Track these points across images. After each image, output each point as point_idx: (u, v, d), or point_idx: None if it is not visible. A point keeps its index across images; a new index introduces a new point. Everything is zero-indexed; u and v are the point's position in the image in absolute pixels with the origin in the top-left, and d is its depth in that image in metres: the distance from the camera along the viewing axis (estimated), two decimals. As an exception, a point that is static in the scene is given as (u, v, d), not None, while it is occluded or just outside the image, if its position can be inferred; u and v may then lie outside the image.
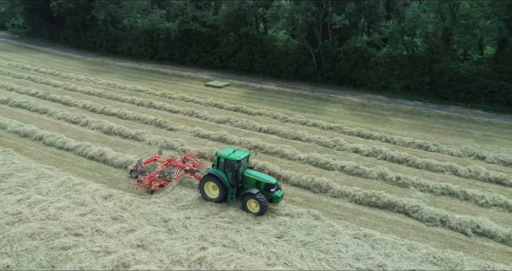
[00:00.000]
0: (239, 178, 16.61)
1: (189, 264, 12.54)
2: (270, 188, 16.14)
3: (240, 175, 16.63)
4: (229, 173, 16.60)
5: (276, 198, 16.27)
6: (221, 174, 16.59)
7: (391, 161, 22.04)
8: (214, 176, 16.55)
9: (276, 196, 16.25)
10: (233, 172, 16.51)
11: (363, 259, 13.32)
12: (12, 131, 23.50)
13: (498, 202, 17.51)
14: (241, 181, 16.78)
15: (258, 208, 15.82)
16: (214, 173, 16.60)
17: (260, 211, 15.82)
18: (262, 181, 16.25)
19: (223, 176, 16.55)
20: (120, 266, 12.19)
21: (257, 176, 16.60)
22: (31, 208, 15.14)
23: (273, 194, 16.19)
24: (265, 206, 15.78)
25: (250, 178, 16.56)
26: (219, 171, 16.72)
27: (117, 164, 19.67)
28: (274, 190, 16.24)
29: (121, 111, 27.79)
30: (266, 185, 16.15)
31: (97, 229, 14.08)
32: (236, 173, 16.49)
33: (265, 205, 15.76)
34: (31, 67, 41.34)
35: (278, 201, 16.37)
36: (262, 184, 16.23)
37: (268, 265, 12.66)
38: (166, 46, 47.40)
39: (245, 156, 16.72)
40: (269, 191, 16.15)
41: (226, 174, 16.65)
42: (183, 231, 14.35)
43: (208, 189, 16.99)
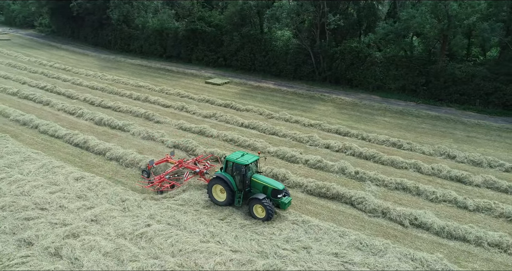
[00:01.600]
0: (247, 182, 16.38)
1: (131, 237, 14.05)
2: (277, 193, 15.86)
3: (247, 179, 16.40)
4: (237, 176, 16.41)
5: (283, 204, 15.93)
6: (229, 177, 16.41)
7: (358, 157, 22.78)
8: (221, 179, 16.40)
9: (283, 202, 15.92)
10: (240, 176, 16.31)
11: (293, 241, 14.39)
12: (13, 120, 25.94)
13: (448, 198, 18.02)
14: (249, 186, 16.53)
15: (264, 213, 15.55)
16: (222, 176, 16.46)
17: (266, 216, 15.54)
18: (269, 186, 15.98)
19: (230, 180, 16.35)
20: (70, 236, 13.86)
21: (264, 181, 16.32)
22: (10, 185, 17.16)
23: (280, 200, 15.91)
24: (271, 212, 15.49)
25: (257, 182, 16.32)
26: (227, 174, 16.54)
27: (97, 150, 21.54)
28: (281, 195, 15.97)
29: (116, 105, 29.83)
30: (273, 191, 15.89)
31: (61, 205, 15.88)
32: (244, 177, 16.26)
33: (271, 210, 15.47)
34: (47, 63, 44.41)
35: (285, 207, 15.99)
36: (269, 189, 15.96)
37: (202, 242, 13.97)
38: (174, 44, 49.51)
39: (253, 160, 16.56)
40: (276, 196, 15.87)
41: (234, 178, 16.44)
42: (136, 210, 15.92)
43: (216, 192, 16.87)
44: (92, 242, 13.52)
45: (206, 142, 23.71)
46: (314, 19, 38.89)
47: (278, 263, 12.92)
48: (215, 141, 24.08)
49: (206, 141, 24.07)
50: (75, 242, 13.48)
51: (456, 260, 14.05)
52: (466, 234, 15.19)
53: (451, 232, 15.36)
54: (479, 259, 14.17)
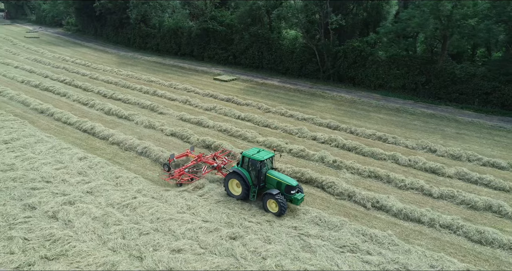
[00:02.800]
0: (261, 177, 16.99)
1: (118, 207, 16.21)
2: (290, 189, 16.39)
3: (263, 175, 17.00)
4: (253, 172, 17.01)
5: (296, 200, 16.43)
6: (244, 172, 17.00)
7: (342, 148, 24.21)
8: (237, 174, 17.02)
9: (296, 198, 16.42)
10: (256, 171, 16.89)
11: (259, 216, 16.16)
12: (33, 108, 28.81)
13: (415, 186, 19.30)
14: (264, 181, 17.15)
15: (277, 208, 16.08)
16: (238, 171, 17.06)
17: (279, 211, 16.08)
18: (283, 183, 16.50)
19: (246, 175, 16.94)
20: (67, 203, 16.16)
21: (279, 177, 16.82)
22: (22, 162, 19.72)
23: (293, 195, 16.45)
24: (283, 207, 15.99)
25: (272, 178, 16.86)
26: (243, 169, 17.16)
27: (102, 136, 23.99)
28: (294, 192, 16.49)
29: (125, 97, 32.35)
30: (286, 187, 16.41)
31: (63, 179, 18.28)
32: (258, 173, 16.85)
33: (283, 205, 15.97)
34: (69, 59, 47.75)
35: (298, 203, 16.49)
36: (283, 185, 16.49)
37: (178, 213, 15.96)
38: (187, 43, 51.96)
39: (269, 156, 17.07)
40: (290, 192, 16.40)
41: (249, 173, 17.04)
42: (127, 185, 18.10)
43: (232, 186, 17.56)
44: (85, 208, 15.77)
45: (201, 131, 25.74)
46: (319, 19, 40.30)
47: (240, 231, 14.74)
48: (210, 131, 26.08)
49: (202, 130, 26.10)
50: (70, 208, 15.77)
51: (405, 237, 15.44)
52: (421, 216, 16.52)
53: (407, 214, 16.72)
54: (428, 237, 15.50)
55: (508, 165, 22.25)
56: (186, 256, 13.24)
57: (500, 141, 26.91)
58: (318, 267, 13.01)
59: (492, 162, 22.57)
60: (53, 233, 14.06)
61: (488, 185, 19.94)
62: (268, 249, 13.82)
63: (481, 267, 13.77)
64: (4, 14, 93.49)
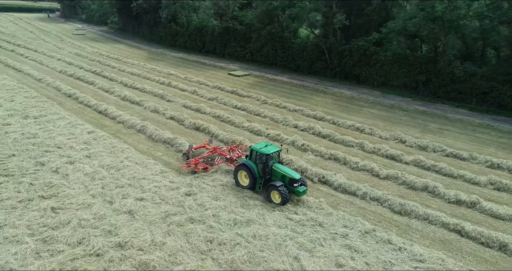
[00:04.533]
0: (267, 170, 18.17)
1: (107, 168, 20.17)
2: (293, 182, 17.44)
3: (269, 168, 18.22)
4: (260, 164, 18.16)
5: (298, 193, 17.49)
6: (252, 165, 18.20)
7: (317, 135, 26.79)
8: (246, 166, 18.27)
9: (298, 190, 17.48)
10: (262, 164, 18.09)
11: (217, 181, 19.42)
12: (63, 93, 33.95)
13: (366, 168, 21.61)
14: (270, 174, 18.35)
15: (280, 199, 17.24)
16: (247, 164, 18.31)
17: (282, 202, 17.25)
18: (287, 176, 17.58)
19: (254, 167, 18.12)
20: (69, 163, 20.37)
21: (283, 170, 17.90)
22: (43, 132, 24.39)
23: (295, 188, 17.51)
24: (286, 198, 17.12)
25: (277, 171, 17.98)
26: (251, 162, 18.36)
27: (111, 116, 28.34)
28: (297, 184, 17.51)
29: (142, 86, 36.82)
30: (290, 180, 17.48)
31: (71, 146, 22.64)
32: (264, 166, 18.05)
33: (285, 197, 17.09)
34: (105, 54, 53.54)
35: (300, 195, 17.58)
36: (286, 178, 17.58)
37: (152, 175, 19.61)
38: (211, 41, 56.12)
39: (275, 150, 18.23)
40: (293, 185, 17.45)
41: (257, 165, 18.21)
42: (119, 153, 22.07)
43: (241, 177, 18.81)
44: (81, 167, 19.91)
45: (196, 116, 29.37)
46: (327, 19, 42.63)
47: (196, 190, 18.15)
48: (204, 116, 29.65)
49: (197, 116, 29.72)
50: (70, 166, 19.98)
51: (335, 205, 18.02)
52: (357, 190, 18.98)
53: (346, 188, 19.23)
54: (356, 207, 17.98)
55: (470, 156, 23.77)
56: (146, 204, 16.84)
57: (480, 137, 28.11)
58: (246, 219, 16.07)
59: (455, 153, 24.19)
60: (52, 181, 18.25)
61: (439, 171, 21.78)
62: (212, 204, 17.08)
63: (390, 230, 16.10)
64: (59, 13, 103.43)
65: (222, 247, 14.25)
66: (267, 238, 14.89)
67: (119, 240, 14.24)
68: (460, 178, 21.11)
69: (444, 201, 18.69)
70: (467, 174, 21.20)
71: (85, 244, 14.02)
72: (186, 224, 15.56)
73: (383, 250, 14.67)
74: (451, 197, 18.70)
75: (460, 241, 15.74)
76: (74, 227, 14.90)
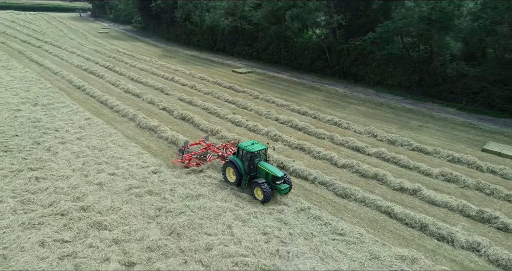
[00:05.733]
0: (252, 167, 18.73)
1: (92, 149, 22.97)
2: (276, 180, 17.92)
3: (254, 165, 18.73)
4: (245, 162, 18.71)
5: (280, 190, 18.02)
6: (239, 162, 18.78)
7: (294, 128, 28.58)
8: (233, 163, 18.86)
9: (280, 188, 18.01)
10: (247, 161, 18.63)
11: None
12: (74, 85, 37.45)
13: (327, 157, 23.25)
14: (256, 171, 18.92)
15: (262, 196, 17.72)
16: (233, 161, 18.89)
17: (264, 199, 17.68)
18: (270, 173, 18.09)
19: (240, 164, 18.70)
20: (61, 143, 23.35)
21: (268, 168, 18.37)
22: (46, 118, 27.65)
23: (278, 186, 18.06)
24: (267, 195, 17.56)
25: (262, 169, 18.50)
26: (238, 159, 18.91)
27: (110, 106, 31.34)
28: (280, 182, 18.05)
29: (146, 80, 39.81)
30: (273, 177, 17.99)
31: (67, 130, 25.69)
32: (250, 163, 18.63)
33: (267, 193, 17.55)
34: (121, 50, 57.30)
35: (281, 193, 18.08)
36: (269, 175, 18.09)
37: (129, 155, 22.20)
38: (221, 39, 58.71)
39: (260, 149, 18.69)
40: (275, 182, 17.95)
41: (243, 163, 18.76)
42: (107, 137, 24.85)
43: (229, 173, 19.41)
44: (70, 147, 22.85)
45: (187, 108, 31.85)
46: (327, 19, 44.06)
47: (162, 169, 20.54)
48: (194, 108, 32.11)
49: (188, 107, 32.21)
50: (61, 146, 22.96)
51: (285, 187, 19.84)
52: (308, 175, 20.73)
53: (299, 173, 21.02)
54: (302, 189, 19.75)
55: (433, 151, 24.86)
56: (115, 178, 19.43)
57: (457, 134, 28.93)
58: (198, 193, 18.29)
59: (420, 147, 25.35)
60: (42, 157, 21.24)
61: (397, 163, 23.11)
62: (173, 181, 19.44)
63: (325, 209, 17.79)
64: (90, 13, 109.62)
65: (168, 214, 16.55)
66: (210, 209, 17.04)
67: (83, 204, 16.86)
68: (415, 169, 22.36)
69: (389, 188, 20.12)
70: (423, 165, 22.41)
71: (54, 206, 16.73)
72: (144, 195, 17.98)
73: (310, 224, 16.46)
74: (396, 184, 20.10)
75: (387, 221, 17.24)
76: (50, 193, 17.68)
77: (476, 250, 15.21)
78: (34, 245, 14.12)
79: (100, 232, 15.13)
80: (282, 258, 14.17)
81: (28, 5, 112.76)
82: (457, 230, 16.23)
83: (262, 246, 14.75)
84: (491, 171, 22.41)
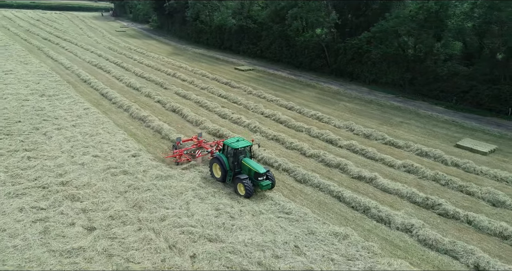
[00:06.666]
0: (236, 163, 19.16)
1: (83, 134, 25.30)
2: (258, 176, 18.35)
3: (238, 162, 19.17)
4: (230, 158, 19.19)
5: (261, 186, 18.48)
6: (224, 158, 19.34)
7: (276, 121, 30.15)
8: (218, 159, 19.44)
9: (261, 184, 18.45)
10: (232, 157, 19.16)
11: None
12: (81, 79, 40.31)
13: (297, 147, 24.76)
14: (240, 167, 19.36)
15: (244, 191, 18.24)
16: (219, 157, 19.49)
17: (246, 194, 18.22)
18: (252, 169, 18.56)
19: (225, 160, 19.24)
20: (57, 129, 25.86)
21: (251, 164, 18.80)
22: (50, 107, 30.35)
23: (260, 182, 18.48)
24: (249, 190, 18.03)
25: (245, 165, 18.95)
26: (223, 155, 19.49)
27: (109, 98, 33.87)
28: (262, 178, 18.46)
29: (149, 76, 42.27)
30: (255, 173, 18.43)
31: (65, 118, 28.25)
32: (234, 159, 19.13)
33: (249, 189, 18.04)
34: (133, 48, 60.26)
35: (263, 188, 18.60)
36: (252, 172, 18.56)
37: (115, 141, 24.40)
38: (228, 38, 60.73)
39: (244, 145, 19.12)
40: (257, 179, 18.39)
41: (228, 159, 19.28)
42: (99, 125, 27.21)
43: (216, 169, 19.97)
44: (64, 132, 25.31)
45: (179, 101, 33.95)
46: (324, 18, 45.27)
47: (142, 153, 22.63)
48: (187, 101, 34.17)
49: (181, 101, 34.30)
50: (56, 131, 25.48)
51: (249, 172, 21.48)
52: (274, 162, 22.32)
53: (266, 160, 22.66)
54: (266, 175, 21.30)
55: (404, 145, 25.90)
56: (97, 159, 21.68)
57: (437, 131, 29.71)
58: (168, 175, 20.22)
59: (392, 141, 26.45)
60: (37, 140, 23.81)
61: (365, 154, 24.35)
62: (148, 163, 21.49)
63: (280, 192, 19.34)
64: (112, 12, 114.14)
65: (135, 191, 18.56)
66: (174, 188, 18.96)
67: (64, 180, 19.13)
68: (380, 161, 23.55)
69: (348, 176, 21.46)
70: (388, 157, 23.58)
71: (39, 180, 19.08)
72: (118, 175, 20.10)
73: (262, 203, 18.08)
74: (355, 173, 21.41)
75: (335, 204, 18.65)
76: (37, 170, 20.07)
77: (409, 231, 16.44)
78: (14, 210, 16.41)
79: (72, 202, 17.29)
80: (226, 230, 15.89)
81: (55, 5, 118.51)
82: (397, 213, 17.48)
83: (212, 219, 16.51)
84: (455, 164, 23.30)
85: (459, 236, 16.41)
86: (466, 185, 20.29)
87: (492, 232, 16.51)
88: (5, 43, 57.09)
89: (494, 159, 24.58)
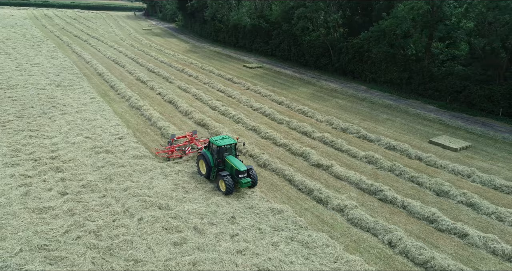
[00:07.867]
0: (219, 161, 19.72)
1: (82, 120, 28.52)
2: (239, 173, 18.75)
3: (221, 159, 19.73)
4: (215, 155, 19.72)
5: (241, 183, 18.86)
6: (209, 155, 19.85)
7: (263, 114, 32.12)
8: (203, 156, 20.05)
9: (241, 181, 18.84)
10: (216, 155, 19.70)
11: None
12: (97, 72, 44.13)
13: (270, 137, 26.71)
14: (223, 164, 19.98)
15: (225, 188, 18.80)
16: (204, 154, 20.06)
17: (226, 191, 18.75)
18: (234, 167, 19.01)
19: (209, 157, 19.77)
20: (62, 115, 29.23)
21: (233, 162, 19.22)
22: (61, 95, 33.99)
23: (240, 179, 18.89)
24: (229, 187, 18.52)
25: (228, 162, 19.46)
26: (208, 152, 20.07)
27: (116, 89, 37.23)
28: (242, 176, 18.85)
29: (159, 71, 45.47)
30: (236, 171, 18.88)
31: (71, 105, 31.71)
32: (218, 156, 19.64)
33: (229, 186, 18.50)
34: (154, 45, 64.08)
35: (243, 186, 18.96)
36: (233, 169, 19.03)
37: (109, 126, 27.40)
38: (243, 37, 63.17)
39: (228, 143, 19.63)
40: (238, 176, 18.85)
41: (212, 156, 19.78)
42: (99, 112, 30.40)
43: (202, 166, 20.54)
44: (67, 118, 28.66)
45: (178, 93, 36.73)
46: (328, 18, 46.61)
47: (126, 137, 25.44)
48: (185, 94, 36.87)
49: (180, 93, 37.05)
50: (61, 116, 28.93)
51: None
52: (243, 149, 24.32)
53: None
54: (232, 159, 23.40)
55: (375, 139, 27.14)
56: (88, 140, 24.75)
57: (419, 128, 30.55)
58: (143, 154, 22.83)
59: (366, 135, 27.74)
60: (42, 123, 27.29)
61: (333, 146, 25.89)
62: (131, 146, 24.20)
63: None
64: (144, 12, 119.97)
65: (111, 166, 21.32)
66: (145, 166, 21.53)
67: (54, 155, 22.24)
68: (346, 152, 25.02)
69: (308, 163, 23.17)
70: (354, 149, 25.02)
71: (33, 154, 22.32)
72: (102, 153, 22.99)
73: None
74: (315, 161, 23.08)
75: (285, 186, 20.49)
76: (35, 146, 23.35)
77: (342, 211, 18.02)
78: (6, 176, 19.62)
79: (55, 173, 20.29)
80: (176, 201, 18.22)
81: (93, 5, 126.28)
82: (338, 196, 19.06)
83: (168, 192, 18.90)
84: (418, 158, 24.35)
85: (389, 218, 17.80)
86: (417, 176, 21.44)
87: (421, 217, 17.77)
88: (39, 39, 62.64)
89: (462, 155, 25.31)
